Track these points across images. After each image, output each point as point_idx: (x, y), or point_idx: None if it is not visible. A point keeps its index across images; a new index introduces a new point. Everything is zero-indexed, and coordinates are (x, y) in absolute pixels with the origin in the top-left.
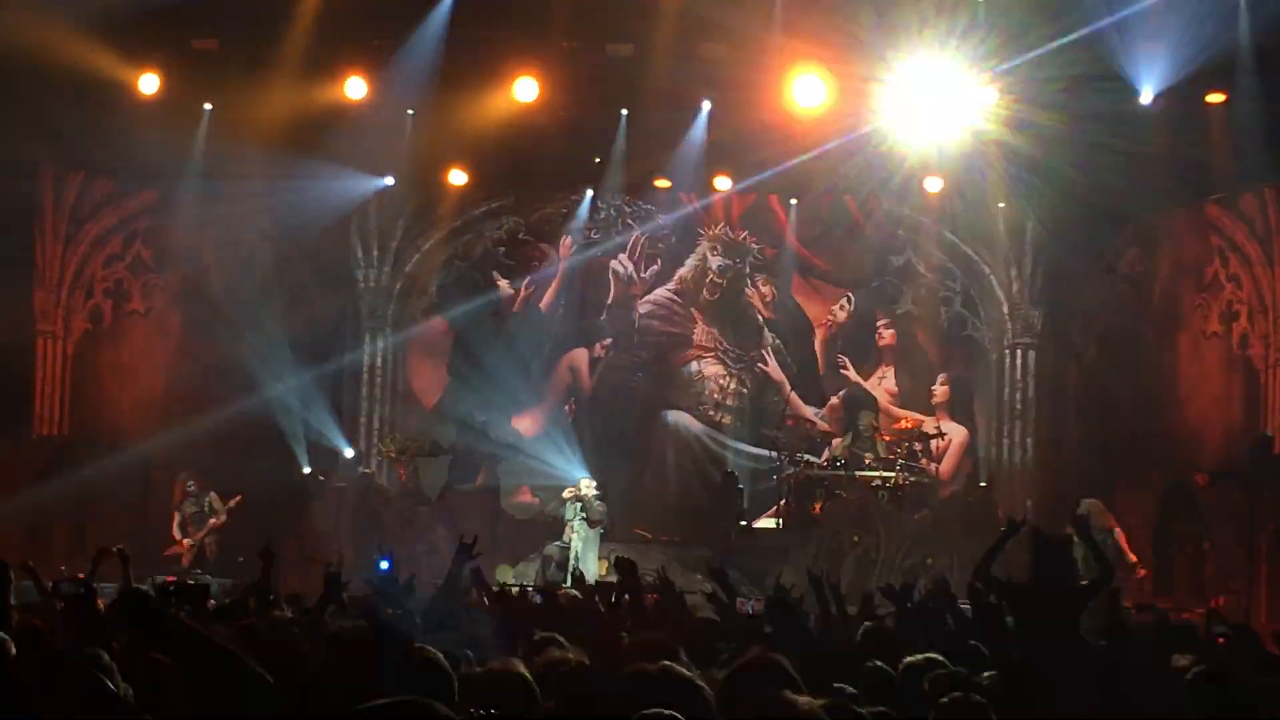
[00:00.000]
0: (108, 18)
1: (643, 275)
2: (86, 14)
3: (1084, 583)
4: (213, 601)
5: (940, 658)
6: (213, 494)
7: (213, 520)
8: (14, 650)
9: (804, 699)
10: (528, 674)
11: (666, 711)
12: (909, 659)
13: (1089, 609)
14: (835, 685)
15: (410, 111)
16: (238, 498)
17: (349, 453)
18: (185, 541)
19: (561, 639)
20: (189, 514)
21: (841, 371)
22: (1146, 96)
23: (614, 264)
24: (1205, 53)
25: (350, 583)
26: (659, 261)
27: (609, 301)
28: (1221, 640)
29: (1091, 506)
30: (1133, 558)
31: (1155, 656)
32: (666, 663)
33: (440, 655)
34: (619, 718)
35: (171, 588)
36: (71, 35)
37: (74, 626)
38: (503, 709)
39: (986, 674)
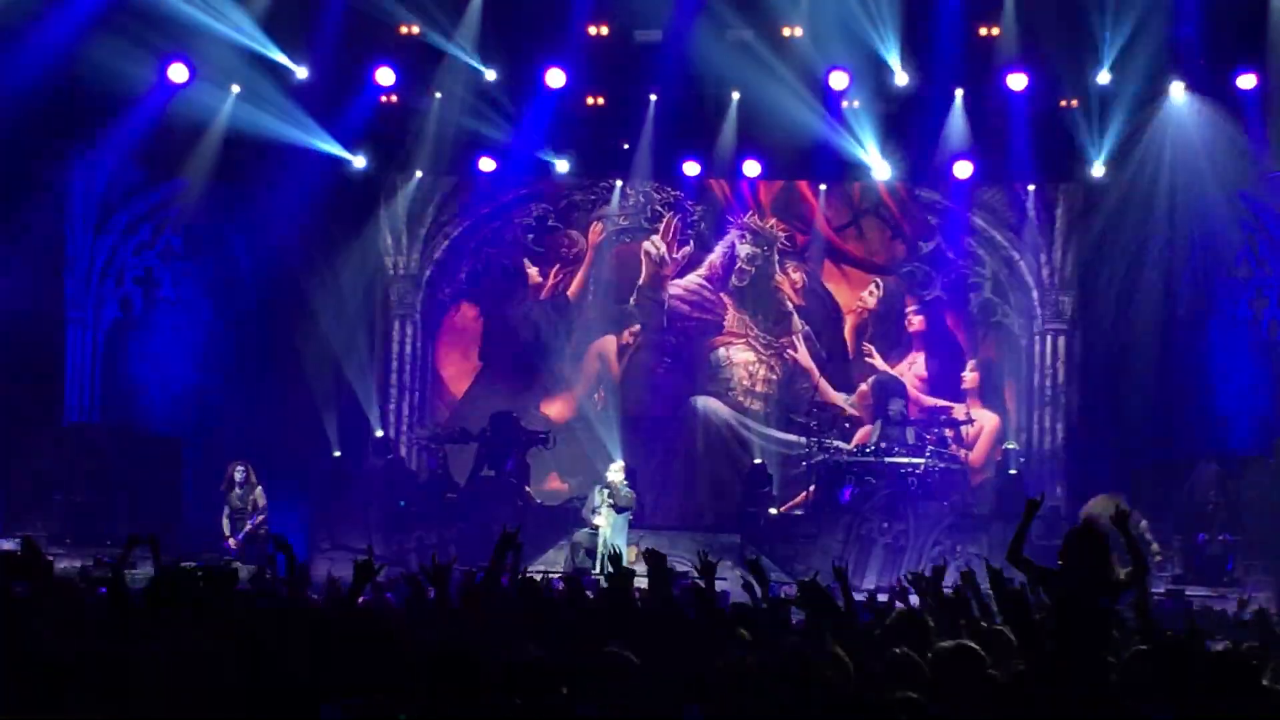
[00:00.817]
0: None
1: (674, 256)
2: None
3: (1120, 576)
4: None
5: (972, 645)
6: (259, 490)
7: (248, 526)
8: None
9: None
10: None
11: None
12: (940, 645)
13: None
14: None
15: (438, 96)
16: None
17: (379, 434)
18: (231, 541)
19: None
20: (235, 508)
21: (867, 360)
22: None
23: (646, 244)
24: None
25: (382, 569)
26: (691, 243)
27: (640, 283)
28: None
29: (1105, 504)
30: (1155, 547)
31: (1187, 644)
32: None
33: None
34: None
35: (199, 572)
36: (103, 23)
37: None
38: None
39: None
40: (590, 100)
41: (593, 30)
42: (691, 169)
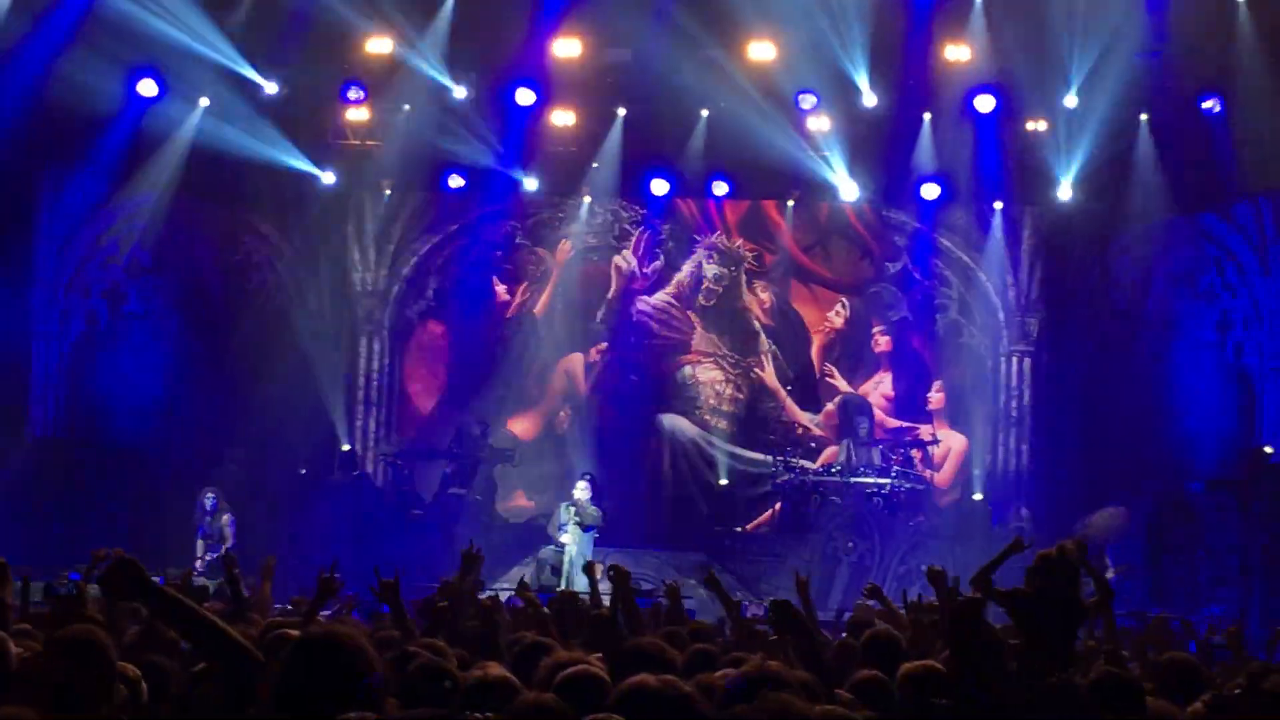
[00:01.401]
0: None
1: (645, 271)
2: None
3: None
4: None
5: (938, 665)
6: (226, 517)
7: (210, 556)
8: (13, 648)
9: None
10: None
11: None
12: (907, 667)
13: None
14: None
15: (406, 108)
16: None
17: (345, 448)
18: (199, 562)
19: (548, 642)
20: (207, 534)
21: (829, 380)
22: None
23: (617, 259)
24: (1202, 60)
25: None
26: (661, 257)
27: (609, 296)
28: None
29: (1100, 520)
30: (1111, 573)
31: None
32: (668, 678)
33: (439, 660)
34: None
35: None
36: (72, 38)
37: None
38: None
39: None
40: (559, 118)
41: (563, 48)
42: (660, 187)
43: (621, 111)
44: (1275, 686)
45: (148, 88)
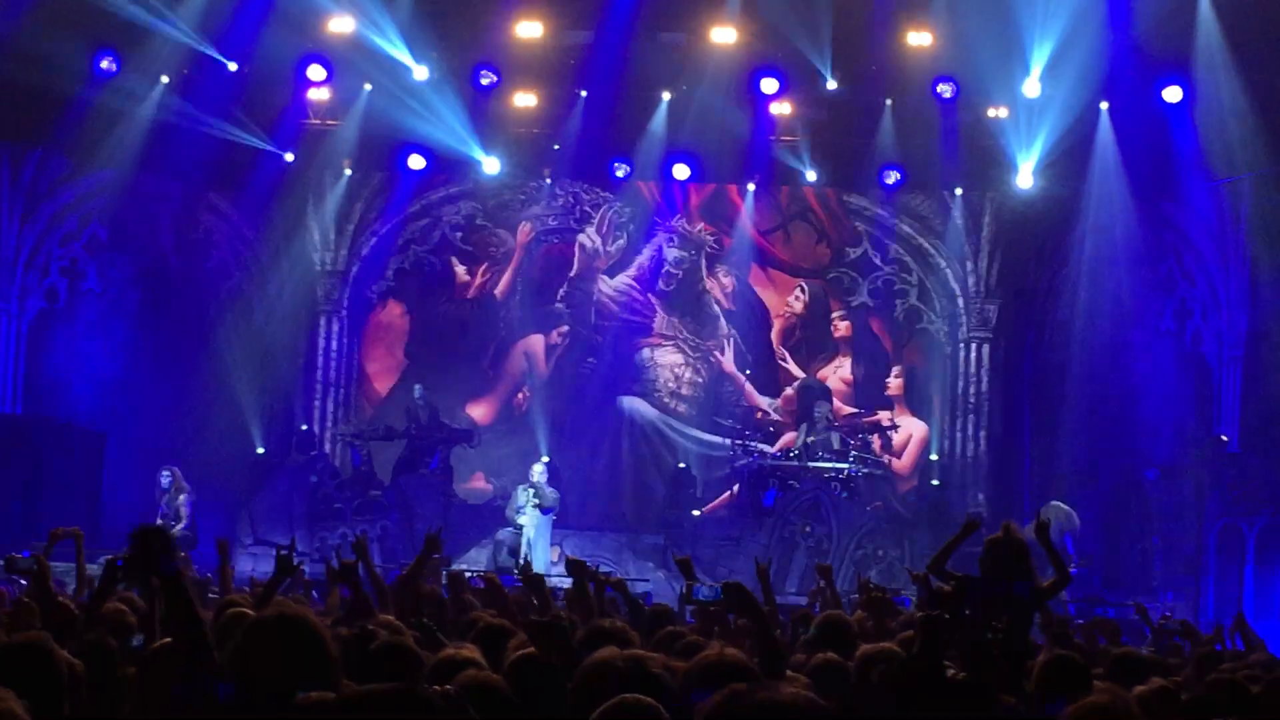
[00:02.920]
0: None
1: (608, 249)
2: None
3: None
4: None
5: (895, 648)
6: (183, 497)
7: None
8: None
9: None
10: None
11: (643, 698)
12: (865, 649)
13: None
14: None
15: (367, 88)
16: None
17: (303, 428)
18: None
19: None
20: (164, 512)
21: (782, 365)
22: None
23: (581, 237)
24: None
25: (303, 565)
26: (624, 236)
27: (572, 274)
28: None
29: (1057, 511)
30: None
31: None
32: (634, 652)
33: (406, 641)
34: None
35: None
36: (32, 14)
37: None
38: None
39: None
40: (521, 100)
41: (525, 30)
42: (621, 170)
43: (583, 94)
44: (1221, 676)
45: (107, 64)
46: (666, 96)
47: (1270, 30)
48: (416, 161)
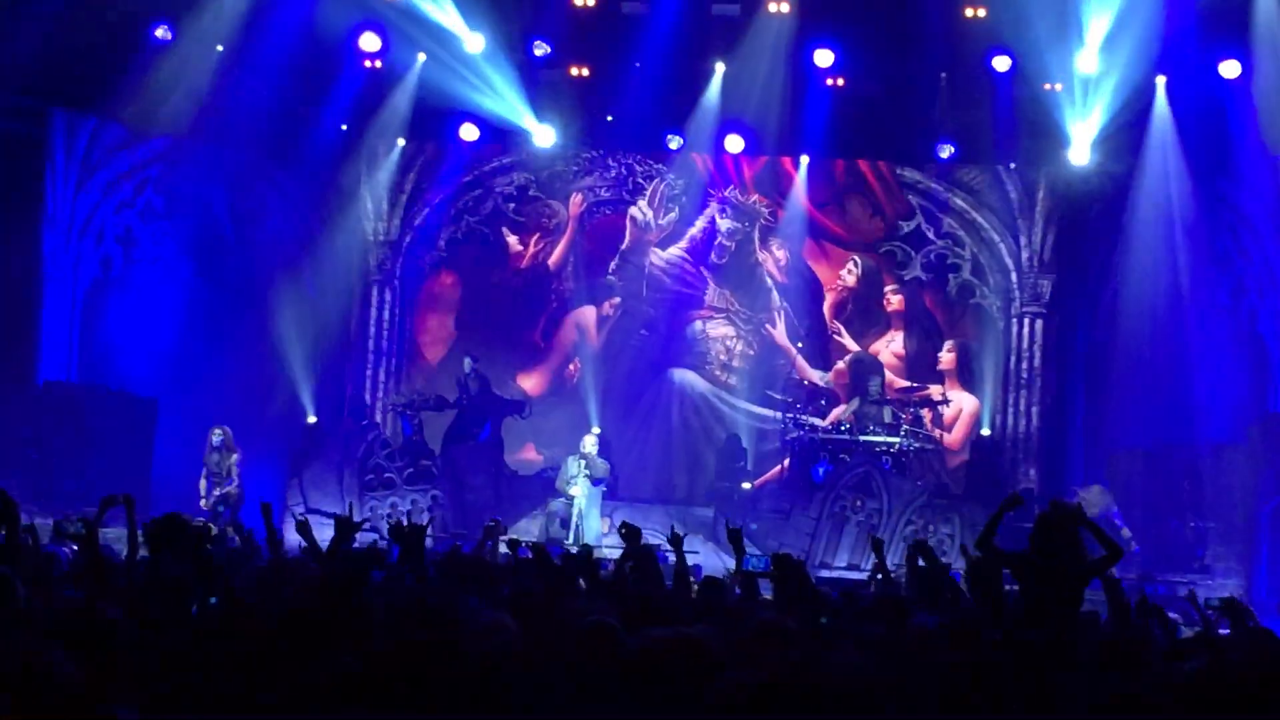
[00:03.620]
0: None
1: (660, 222)
2: None
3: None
4: None
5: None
6: (235, 456)
7: (219, 491)
8: (20, 587)
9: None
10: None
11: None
12: (917, 622)
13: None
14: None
15: (421, 58)
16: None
17: (355, 397)
18: (203, 502)
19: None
20: (212, 471)
21: (836, 339)
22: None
23: (633, 210)
24: (1220, 23)
25: (364, 523)
26: (676, 209)
27: (623, 247)
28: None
29: (1090, 493)
30: (1126, 532)
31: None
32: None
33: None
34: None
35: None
36: None
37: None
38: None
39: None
40: (575, 71)
41: (579, 1)
42: (674, 141)
43: (637, 65)
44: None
45: (163, 33)
46: (720, 68)
47: None
48: (470, 132)
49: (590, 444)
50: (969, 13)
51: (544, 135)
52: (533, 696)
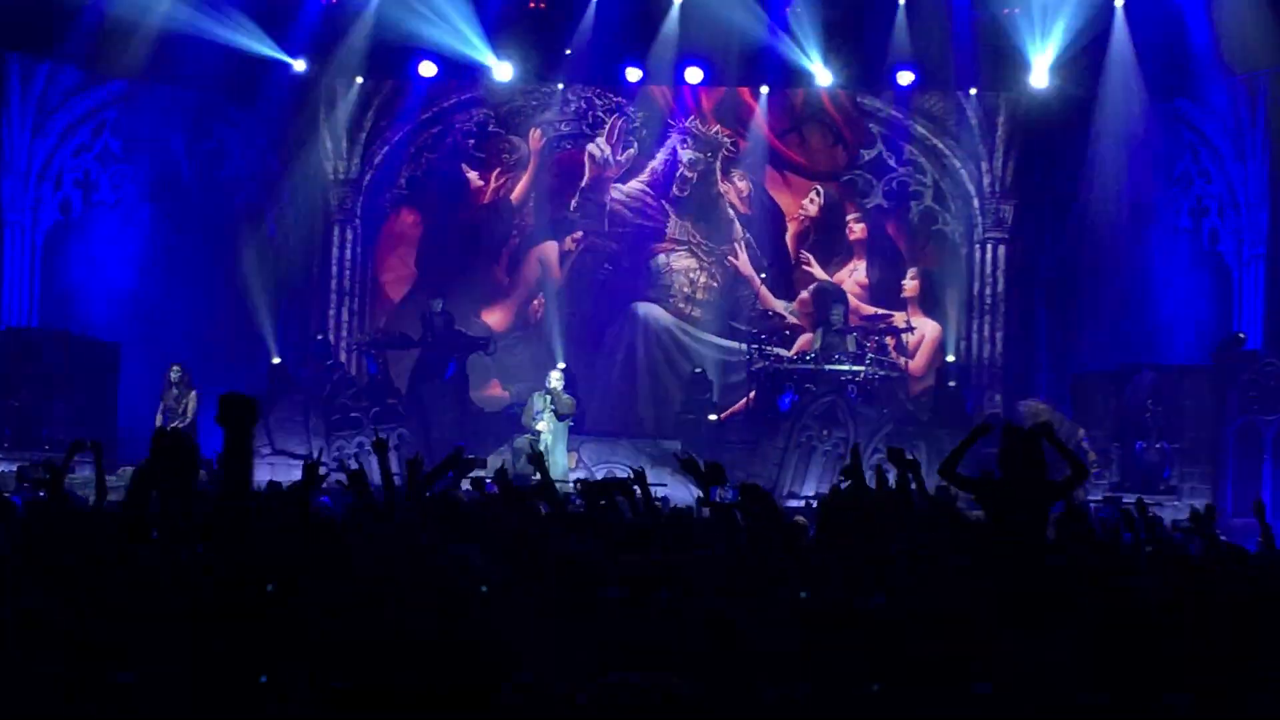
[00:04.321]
0: None
1: (618, 159)
2: None
3: (1055, 479)
4: None
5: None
6: (191, 395)
7: (176, 424)
8: None
9: None
10: None
11: None
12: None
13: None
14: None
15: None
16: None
17: (319, 338)
18: None
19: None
20: (169, 408)
21: (805, 268)
22: None
23: (590, 147)
24: None
25: (327, 475)
26: (634, 145)
27: (583, 184)
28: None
29: (1037, 409)
30: (1092, 455)
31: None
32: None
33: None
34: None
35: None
36: None
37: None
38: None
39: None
40: (531, 3)
41: None
42: (633, 74)
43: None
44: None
45: None
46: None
47: None
48: (428, 68)
49: (556, 379)
50: None
51: (503, 70)
52: (514, 630)
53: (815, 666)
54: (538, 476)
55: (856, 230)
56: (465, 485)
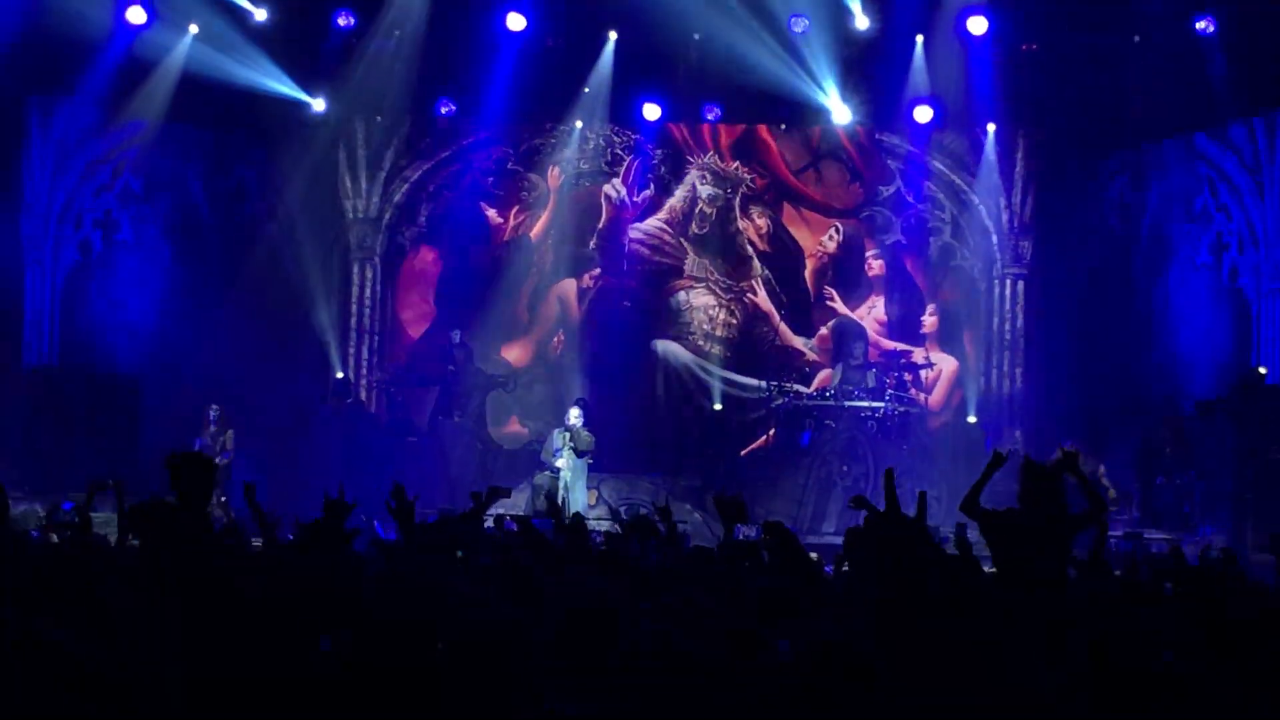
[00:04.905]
0: None
1: (635, 199)
2: None
3: (1074, 514)
4: None
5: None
6: (229, 433)
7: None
8: None
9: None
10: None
11: None
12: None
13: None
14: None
15: (397, 33)
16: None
17: (339, 376)
18: None
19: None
20: (206, 445)
21: (829, 303)
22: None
23: (606, 188)
24: None
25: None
26: (651, 186)
27: (600, 226)
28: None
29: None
30: (1112, 493)
31: (1138, 584)
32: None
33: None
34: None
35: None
36: None
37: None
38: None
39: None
40: (550, 43)
41: None
42: (651, 112)
43: (613, 35)
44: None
45: (136, 14)
46: (696, 37)
47: None
48: (447, 107)
49: (575, 416)
50: None
51: (521, 109)
52: (526, 675)
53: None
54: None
55: (875, 266)
56: (488, 523)
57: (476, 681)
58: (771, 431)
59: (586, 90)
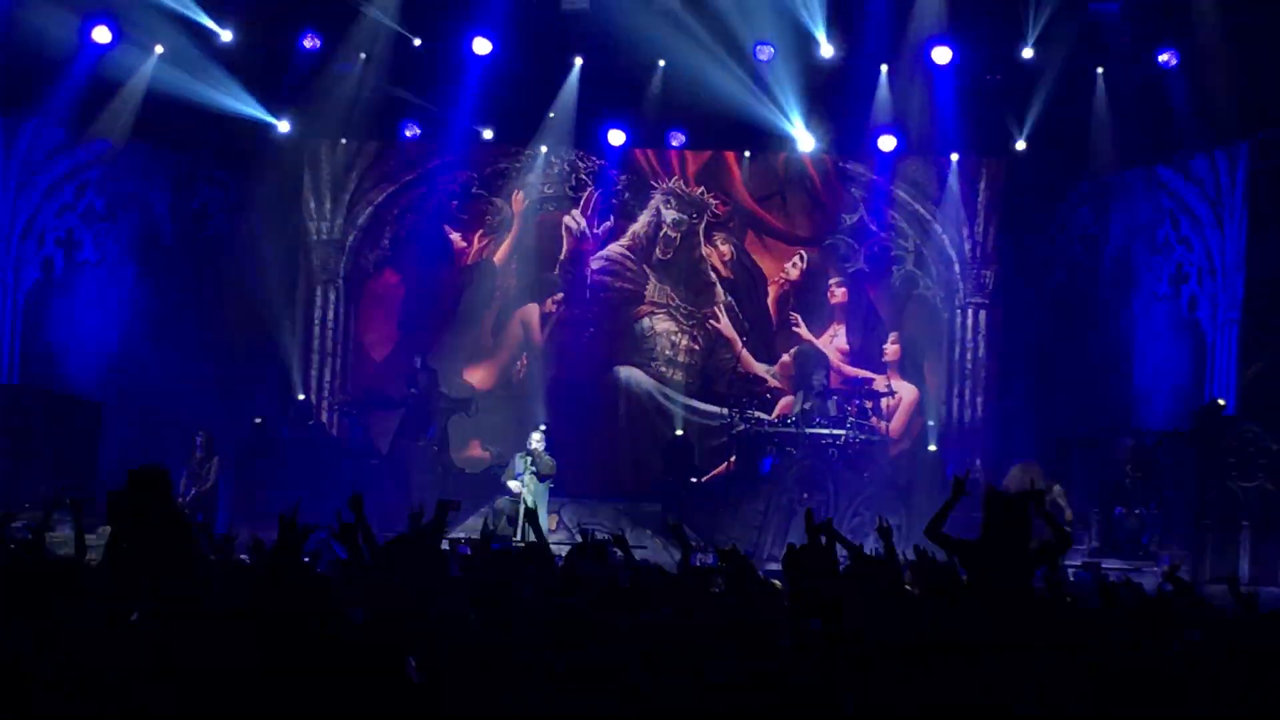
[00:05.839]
0: None
1: (595, 231)
2: None
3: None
4: None
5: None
6: (215, 460)
7: (195, 490)
8: None
9: None
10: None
11: None
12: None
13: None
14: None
15: (363, 56)
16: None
17: (300, 398)
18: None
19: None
20: (193, 473)
21: (793, 329)
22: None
23: (566, 219)
24: (1157, 13)
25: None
26: (612, 217)
27: (561, 257)
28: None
29: (1030, 474)
30: (1068, 514)
31: (1098, 615)
32: None
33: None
34: None
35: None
36: None
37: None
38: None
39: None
40: (515, 68)
41: None
42: (616, 138)
43: (578, 61)
44: None
45: (102, 34)
46: (662, 64)
47: None
48: (412, 130)
49: (537, 440)
50: (908, 5)
51: (485, 133)
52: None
53: None
54: (519, 538)
55: (838, 294)
56: (444, 545)
57: (455, 693)
58: (733, 458)
59: (551, 115)
